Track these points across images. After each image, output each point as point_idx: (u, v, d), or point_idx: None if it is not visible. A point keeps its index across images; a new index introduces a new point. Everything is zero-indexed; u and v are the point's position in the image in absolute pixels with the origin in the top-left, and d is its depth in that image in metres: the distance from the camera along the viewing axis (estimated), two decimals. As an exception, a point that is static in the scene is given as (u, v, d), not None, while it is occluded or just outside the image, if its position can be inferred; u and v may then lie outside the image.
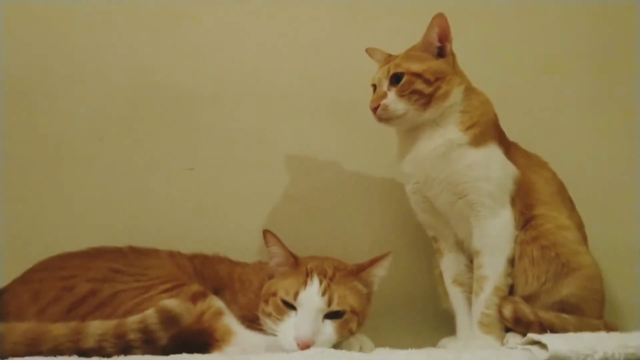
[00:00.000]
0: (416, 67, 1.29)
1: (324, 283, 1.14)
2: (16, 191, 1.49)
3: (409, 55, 1.33)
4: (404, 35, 1.59)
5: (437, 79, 1.29)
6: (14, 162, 1.50)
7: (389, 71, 1.31)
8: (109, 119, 1.56)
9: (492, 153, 1.30)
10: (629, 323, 1.49)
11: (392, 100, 1.29)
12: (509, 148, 1.34)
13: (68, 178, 1.54)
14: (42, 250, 1.29)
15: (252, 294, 1.25)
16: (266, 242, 1.21)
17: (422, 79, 1.28)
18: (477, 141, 1.28)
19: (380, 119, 1.30)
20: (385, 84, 1.31)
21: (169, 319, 1.03)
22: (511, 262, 1.27)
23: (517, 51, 1.67)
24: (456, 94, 1.31)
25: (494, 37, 1.65)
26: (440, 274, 1.40)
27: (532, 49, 1.69)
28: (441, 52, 1.32)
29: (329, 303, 1.12)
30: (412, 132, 1.33)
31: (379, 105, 1.29)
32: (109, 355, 1.00)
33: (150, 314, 1.03)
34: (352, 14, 1.66)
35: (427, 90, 1.28)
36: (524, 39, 1.68)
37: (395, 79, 1.30)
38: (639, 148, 1.67)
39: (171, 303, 1.04)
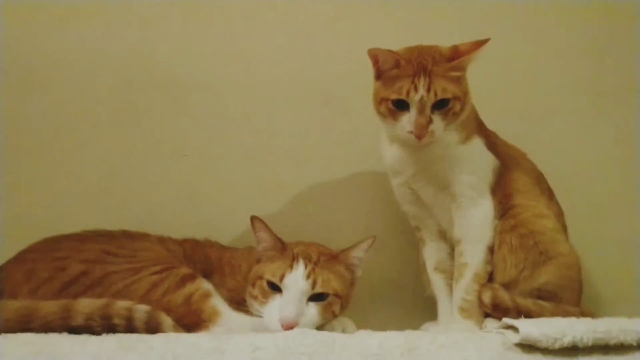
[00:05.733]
0: (458, 89, 1.25)
1: (309, 267, 1.18)
2: (12, 175, 1.52)
3: (449, 76, 1.25)
4: (400, 28, 1.65)
5: (464, 95, 1.28)
6: (10, 147, 1.52)
7: (435, 95, 1.23)
8: (103, 105, 1.59)
9: (475, 145, 1.34)
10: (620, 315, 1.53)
11: (438, 126, 1.25)
12: (489, 138, 1.38)
13: (62, 163, 1.56)
14: (37, 232, 1.32)
15: (240, 277, 1.29)
16: (254, 228, 1.24)
17: (459, 100, 1.26)
18: (464, 139, 1.32)
19: (423, 143, 1.26)
20: (428, 107, 1.24)
21: (153, 325, 1.08)
22: (491, 250, 1.31)
23: (510, 43, 1.68)
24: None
25: (487, 29, 1.66)
26: (425, 262, 1.44)
27: (526, 40, 1.70)
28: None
29: (313, 286, 1.16)
30: None
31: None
32: (98, 333, 1.04)
33: (140, 309, 1.08)
34: (347, 4, 1.68)
35: (460, 108, 1.27)
36: (517, 30, 1.69)
37: (439, 103, 1.24)
38: (635, 142, 1.69)
39: (166, 320, 1.09)
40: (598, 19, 1.71)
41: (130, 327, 1.07)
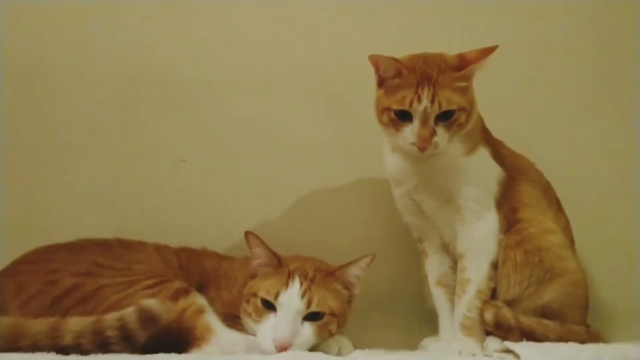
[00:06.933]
0: (464, 100, 1.20)
1: (305, 285, 1.14)
2: (8, 180, 1.50)
3: (455, 86, 1.20)
4: (405, 29, 1.61)
5: (470, 106, 1.23)
6: (6, 151, 1.50)
7: (440, 106, 1.18)
8: (102, 107, 1.56)
9: (481, 156, 1.29)
10: (622, 327, 1.50)
11: (442, 138, 1.20)
12: (495, 147, 1.33)
13: (60, 166, 1.54)
14: (34, 237, 1.31)
15: (236, 291, 1.26)
16: (248, 244, 1.21)
17: (464, 111, 1.21)
18: (469, 150, 1.28)
19: (426, 155, 1.22)
20: (432, 118, 1.19)
21: (148, 318, 1.05)
22: (494, 265, 1.27)
23: (512, 46, 1.61)
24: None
25: (488, 31, 1.62)
26: (427, 275, 1.40)
27: (531, 45, 1.65)
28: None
29: (308, 305, 1.13)
30: None
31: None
32: (87, 353, 1.01)
33: (129, 313, 1.05)
34: (350, 4, 1.63)
35: (465, 119, 1.22)
36: (519, 32, 1.64)
37: (444, 115, 1.20)
38: (637, 146, 1.64)
39: (151, 303, 1.06)
40: (606, 22, 1.65)
41: (126, 334, 1.04)
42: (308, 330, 1.12)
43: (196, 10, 1.60)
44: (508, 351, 1.05)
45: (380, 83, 1.26)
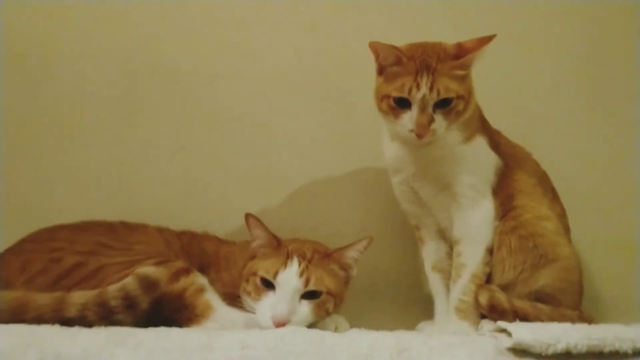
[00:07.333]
0: (462, 88, 1.23)
1: (303, 264, 1.17)
2: (12, 167, 1.53)
3: (453, 75, 1.22)
4: (404, 22, 1.63)
5: (469, 94, 1.26)
6: (10, 138, 1.53)
7: (438, 94, 1.20)
8: (103, 97, 1.59)
9: (478, 145, 1.31)
10: (617, 315, 1.51)
11: (440, 126, 1.22)
12: (492, 136, 1.35)
13: (61, 153, 1.57)
14: (36, 222, 1.33)
15: (236, 272, 1.29)
16: (248, 226, 1.24)
17: (462, 99, 1.23)
18: (467, 138, 1.30)
19: (423, 142, 1.23)
20: (430, 106, 1.21)
21: (147, 284, 1.08)
22: (490, 251, 1.29)
23: (511, 39, 1.64)
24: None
25: (488, 23, 1.64)
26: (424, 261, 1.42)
27: (530, 39, 1.68)
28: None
29: (306, 283, 1.15)
30: None
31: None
32: (91, 324, 1.04)
33: (129, 281, 1.08)
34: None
35: (463, 107, 1.24)
36: (518, 25, 1.66)
37: (442, 102, 1.22)
38: (634, 139, 1.66)
39: (148, 269, 1.10)
40: (602, 19, 1.68)
41: (129, 302, 1.07)
42: (306, 308, 1.14)
43: (197, 4, 1.62)
44: (501, 331, 1.07)
45: (380, 71, 1.28)
